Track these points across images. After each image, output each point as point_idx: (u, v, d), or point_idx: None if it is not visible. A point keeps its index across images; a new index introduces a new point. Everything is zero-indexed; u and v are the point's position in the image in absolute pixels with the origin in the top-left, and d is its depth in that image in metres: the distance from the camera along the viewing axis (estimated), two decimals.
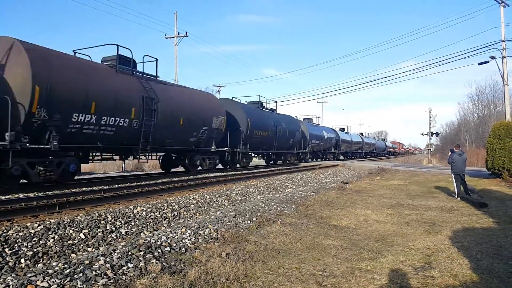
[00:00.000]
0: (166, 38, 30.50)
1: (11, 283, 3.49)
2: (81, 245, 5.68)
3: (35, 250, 5.13)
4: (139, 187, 11.02)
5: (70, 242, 5.66)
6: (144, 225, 7.04)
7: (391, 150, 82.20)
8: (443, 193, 12.73)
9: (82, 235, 5.95)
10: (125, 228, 6.70)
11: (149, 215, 7.52)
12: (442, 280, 4.30)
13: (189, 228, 6.11)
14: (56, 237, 5.66)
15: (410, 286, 4.15)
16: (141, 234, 6.57)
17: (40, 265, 4.65)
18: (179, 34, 30.06)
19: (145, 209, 7.77)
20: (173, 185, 11.61)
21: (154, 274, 4.12)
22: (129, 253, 4.65)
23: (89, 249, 5.58)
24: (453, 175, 11.81)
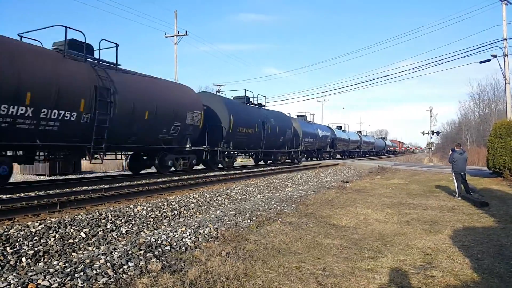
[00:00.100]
0: (166, 37, 30.54)
1: (12, 282, 3.50)
2: (82, 244, 5.69)
3: (36, 249, 5.15)
4: (139, 186, 11.03)
5: (71, 241, 5.68)
6: (144, 224, 7.05)
7: (391, 149, 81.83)
8: (443, 192, 12.73)
9: (82, 234, 5.96)
10: (126, 227, 6.72)
11: (150, 214, 7.53)
12: (442, 279, 4.29)
13: (189, 227, 6.12)
14: (57, 236, 5.67)
15: (410, 285, 4.15)
16: (142, 233, 6.58)
17: (41, 264, 4.66)
18: (179, 33, 30.08)
19: (145, 208, 7.79)
20: (173, 184, 11.62)
21: (154, 273, 4.13)
22: (130, 252, 4.66)
23: (90, 248, 5.59)
24: (454, 174, 11.80)
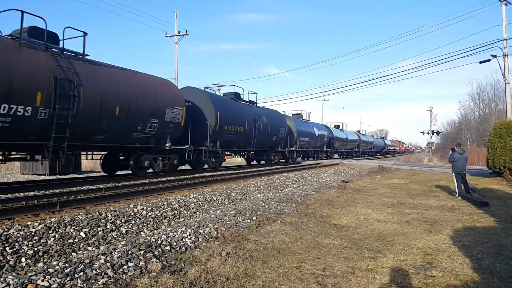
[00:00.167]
0: (166, 36, 30.50)
1: (11, 282, 3.49)
2: (82, 244, 5.69)
3: (35, 249, 5.14)
4: (139, 186, 11.02)
5: (70, 241, 5.67)
6: (144, 224, 7.04)
7: (391, 148, 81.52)
8: (444, 192, 12.72)
9: (82, 234, 5.96)
10: (126, 227, 6.71)
11: (150, 214, 7.52)
12: (443, 279, 4.29)
13: (189, 227, 6.11)
14: (56, 236, 5.66)
15: (411, 285, 4.14)
16: (142, 233, 6.57)
17: (40, 264, 4.65)
18: (179, 32, 30.04)
19: (145, 208, 7.78)
20: (173, 184, 11.62)
21: (154, 273, 4.12)
22: (130, 252, 4.65)
23: (90, 248, 5.59)
24: (454, 174, 11.79)
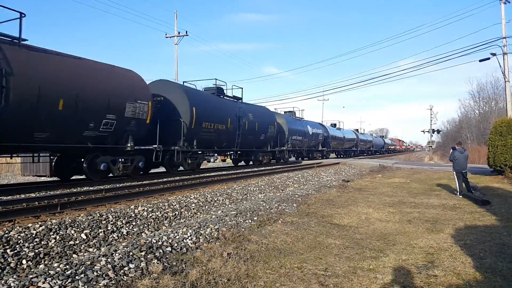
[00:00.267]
0: (166, 37, 30.52)
1: (12, 284, 3.48)
2: (83, 246, 5.67)
3: (36, 251, 5.13)
4: (140, 187, 11.01)
5: (71, 242, 5.66)
6: (145, 225, 7.03)
7: (391, 147, 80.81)
8: (445, 190, 12.70)
9: (83, 236, 5.95)
10: (126, 228, 6.70)
11: (150, 215, 7.51)
12: (445, 279, 4.27)
13: (190, 227, 6.09)
14: (57, 237, 5.65)
15: (413, 285, 4.12)
16: (143, 234, 6.56)
17: (41, 266, 4.64)
18: (179, 33, 30.06)
19: (146, 208, 7.76)
20: (174, 185, 11.61)
21: (155, 274, 4.11)
22: (131, 254, 4.64)
23: (91, 250, 5.58)
24: (455, 173, 11.78)
